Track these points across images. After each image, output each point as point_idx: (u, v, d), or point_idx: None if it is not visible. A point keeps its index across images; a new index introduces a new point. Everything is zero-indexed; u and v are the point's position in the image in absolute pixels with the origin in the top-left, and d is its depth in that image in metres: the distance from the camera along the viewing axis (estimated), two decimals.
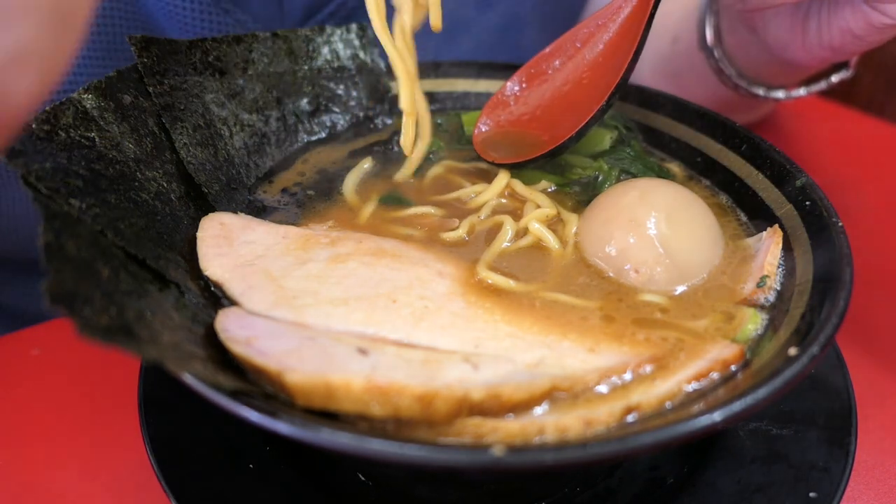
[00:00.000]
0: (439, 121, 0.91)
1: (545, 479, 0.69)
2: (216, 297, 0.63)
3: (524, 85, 0.85)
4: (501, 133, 0.83)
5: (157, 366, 0.47)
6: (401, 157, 0.85)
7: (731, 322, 0.63)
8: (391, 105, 0.90)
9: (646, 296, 0.65)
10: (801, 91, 1.00)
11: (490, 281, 0.66)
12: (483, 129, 0.84)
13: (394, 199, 0.77)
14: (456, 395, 0.50)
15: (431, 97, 0.94)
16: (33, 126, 0.60)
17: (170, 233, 0.66)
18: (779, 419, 0.71)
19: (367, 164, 0.82)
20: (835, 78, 0.99)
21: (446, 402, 0.50)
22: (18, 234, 1.01)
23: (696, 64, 1.02)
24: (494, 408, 0.51)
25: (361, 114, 0.89)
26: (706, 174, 0.82)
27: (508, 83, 0.85)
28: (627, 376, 0.57)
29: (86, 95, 0.66)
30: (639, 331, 0.61)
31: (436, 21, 0.77)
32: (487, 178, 0.80)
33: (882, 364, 0.86)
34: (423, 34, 0.79)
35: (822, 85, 1.00)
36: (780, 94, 1.00)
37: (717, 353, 0.58)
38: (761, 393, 0.49)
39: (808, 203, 0.69)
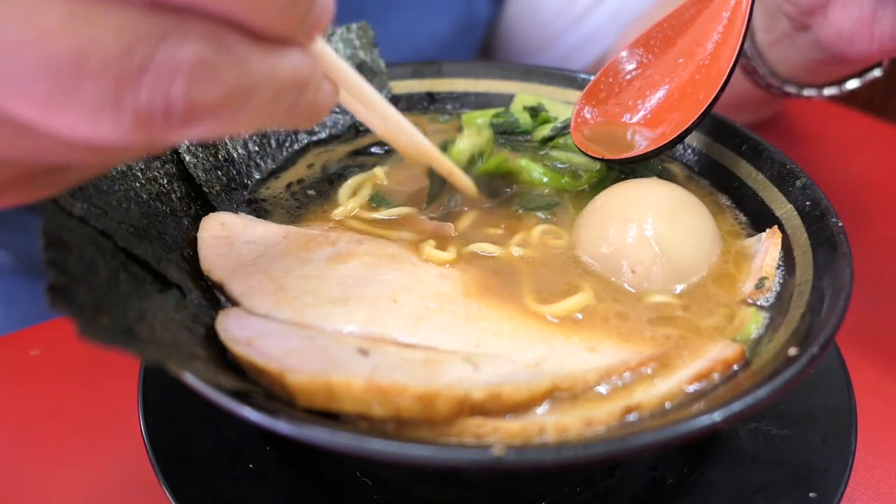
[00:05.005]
0: (441, 119, 0.91)
1: (545, 479, 0.69)
2: (217, 298, 0.63)
3: (616, 78, 0.82)
4: (599, 125, 0.81)
5: (158, 366, 0.47)
6: (400, 159, 0.85)
7: (731, 322, 0.63)
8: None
9: (645, 296, 0.65)
10: (833, 90, 0.99)
11: (549, 312, 0.63)
12: (587, 117, 0.81)
13: (381, 200, 0.77)
14: (457, 395, 0.50)
15: (431, 97, 0.94)
16: None
17: (171, 233, 0.66)
18: (779, 419, 0.71)
19: (376, 176, 0.80)
20: (868, 76, 0.97)
21: (447, 403, 0.50)
22: None
23: None
24: (495, 408, 0.52)
25: None
26: (706, 174, 0.82)
27: (601, 76, 0.82)
28: (628, 376, 0.57)
29: None
30: (639, 331, 0.61)
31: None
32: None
33: (882, 364, 0.86)
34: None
35: (854, 83, 0.98)
36: (811, 92, 0.99)
37: (718, 353, 0.58)
38: (761, 393, 0.49)
39: (808, 203, 0.69)
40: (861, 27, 0.80)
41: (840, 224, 0.65)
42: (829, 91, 0.99)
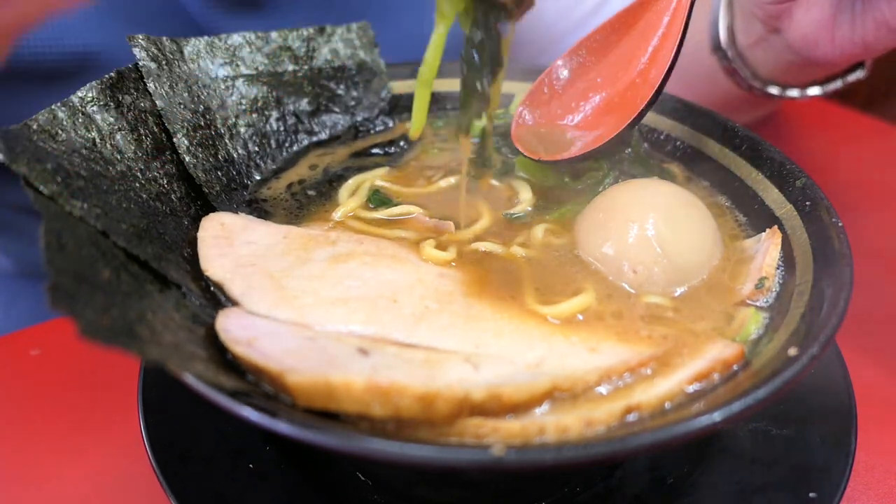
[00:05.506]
0: (440, 123, 0.91)
1: (545, 479, 0.69)
2: (217, 298, 0.63)
3: (559, 80, 0.82)
4: (537, 127, 0.81)
5: (159, 366, 0.47)
6: (401, 159, 0.85)
7: (730, 323, 0.63)
8: (391, 105, 0.90)
9: (645, 296, 0.65)
10: (816, 90, 0.99)
11: (550, 313, 0.63)
12: (528, 118, 0.81)
13: (383, 201, 0.77)
14: (457, 396, 0.50)
15: (432, 97, 0.94)
16: (34, 127, 0.60)
17: (171, 233, 0.66)
18: (779, 419, 0.71)
19: (377, 177, 0.81)
20: (851, 77, 0.98)
21: (447, 403, 0.50)
22: None
23: (704, 65, 1.02)
24: (495, 408, 0.52)
25: (362, 114, 0.89)
26: (706, 175, 0.82)
27: (544, 77, 0.83)
28: (628, 376, 0.57)
29: (86, 95, 0.66)
30: (639, 330, 0.62)
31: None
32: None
33: (882, 364, 0.86)
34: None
35: (837, 84, 0.99)
36: (794, 93, 1.00)
37: (718, 353, 0.58)
38: (761, 393, 0.49)
39: (808, 203, 0.69)
40: (822, 31, 0.81)
41: (840, 224, 0.65)
42: (812, 91, 1.00)
